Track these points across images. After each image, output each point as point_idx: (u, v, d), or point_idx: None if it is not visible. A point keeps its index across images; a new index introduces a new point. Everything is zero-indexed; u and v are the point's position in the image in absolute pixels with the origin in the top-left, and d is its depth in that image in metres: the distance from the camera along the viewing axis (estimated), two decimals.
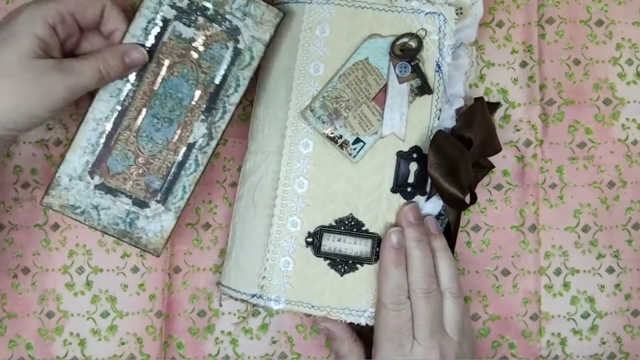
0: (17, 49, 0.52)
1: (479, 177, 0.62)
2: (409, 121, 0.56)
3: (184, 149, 0.57)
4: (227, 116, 0.58)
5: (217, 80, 0.57)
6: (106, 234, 0.57)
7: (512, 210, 0.64)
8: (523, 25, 0.65)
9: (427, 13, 0.57)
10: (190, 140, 0.57)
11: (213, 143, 0.58)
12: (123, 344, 0.62)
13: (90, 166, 0.57)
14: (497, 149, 0.61)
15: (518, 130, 0.65)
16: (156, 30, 0.56)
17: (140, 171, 0.57)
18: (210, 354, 0.63)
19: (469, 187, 0.57)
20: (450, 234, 0.60)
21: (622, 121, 0.65)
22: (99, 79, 0.54)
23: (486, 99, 0.64)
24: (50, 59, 0.53)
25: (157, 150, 0.57)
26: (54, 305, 0.62)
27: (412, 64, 0.56)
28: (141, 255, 0.63)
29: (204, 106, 0.57)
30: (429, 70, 0.56)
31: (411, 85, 0.56)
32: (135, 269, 0.63)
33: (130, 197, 0.57)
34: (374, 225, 0.57)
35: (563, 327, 0.63)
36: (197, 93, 0.57)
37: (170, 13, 0.56)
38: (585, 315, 0.64)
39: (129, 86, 0.57)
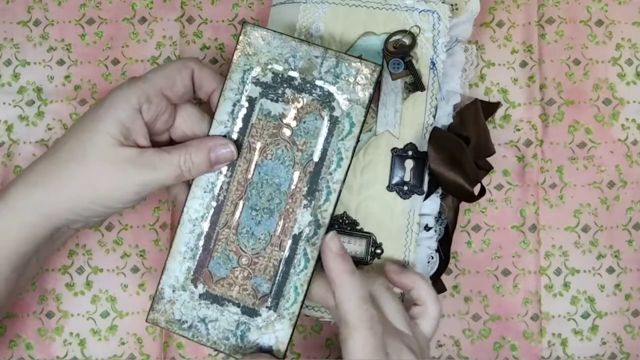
0: (97, 135, 0.49)
1: (478, 178, 0.62)
2: (404, 118, 0.56)
3: (289, 242, 0.51)
4: (333, 197, 0.51)
5: (315, 157, 0.51)
6: (217, 350, 0.53)
7: (512, 210, 0.64)
8: (523, 25, 0.65)
9: (421, 11, 0.57)
10: (295, 231, 0.51)
11: (321, 232, 0.51)
12: (123, 344, 0.62)
13: (192, 273, 0.52)
14: (491, 151, 0.61)
15: (518, 130, 0.64)
16: (243, 112, 0.51)
17: (245, 274, 0.51)
18: (210, 354, 0.63)
19: (476, 179, 0.57)
20: (449, 234, 0.59)
21: (622, 121, 0.65)
22: (176, 176, 0.50)
23: (486, 99, 0.64)
24: (131, 148, 0.50)
25: (260, 248, 0.51)
26: (53, 305, 0.62)
27: (405, 60, 0.56)
28: (141, 255, 0.63)
29: (305, 189, 0.51)
30: (423, 67, 0.56)
31: (405, 82, 0.56)
32: (135, 269, 0.63)
33: (238, 305, 0.52)
34: (368, 224, 0.57)
35: (563, 328, 0.63)
36: (296, 175, 0.51)
37: (255, 91, 0.51)
38: (585, 316, 0.63)
39: (222, 178, 0.52)
